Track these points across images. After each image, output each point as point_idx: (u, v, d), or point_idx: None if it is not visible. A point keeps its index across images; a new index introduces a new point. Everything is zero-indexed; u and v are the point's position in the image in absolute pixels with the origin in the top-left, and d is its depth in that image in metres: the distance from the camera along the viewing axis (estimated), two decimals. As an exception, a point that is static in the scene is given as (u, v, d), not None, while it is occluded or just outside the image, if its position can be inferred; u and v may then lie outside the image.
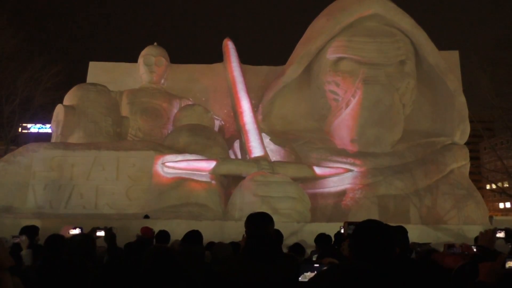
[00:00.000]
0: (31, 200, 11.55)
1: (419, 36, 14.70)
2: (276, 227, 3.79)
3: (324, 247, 5.94)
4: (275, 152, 14.55)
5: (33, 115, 27.83)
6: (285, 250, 6.45)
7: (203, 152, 12.79)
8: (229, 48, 16.88)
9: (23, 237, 5.13)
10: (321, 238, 6.27)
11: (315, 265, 2.90)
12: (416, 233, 9.18)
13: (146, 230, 6.95)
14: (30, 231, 5.63)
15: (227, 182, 13.43)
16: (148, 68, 16.54)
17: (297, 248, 6.04)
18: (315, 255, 5.29)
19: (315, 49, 14.85)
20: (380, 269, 2.09)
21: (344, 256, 4.68)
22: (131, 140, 14.69)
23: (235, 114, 15.09)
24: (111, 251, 5.17)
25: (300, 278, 2.84)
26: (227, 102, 16.27)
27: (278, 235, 5.14)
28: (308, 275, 2.81)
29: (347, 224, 4.40)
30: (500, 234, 4.65)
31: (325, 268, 2.40)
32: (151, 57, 16.66)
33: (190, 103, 16.00)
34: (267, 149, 14.02)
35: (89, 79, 16.91)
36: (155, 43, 17.43)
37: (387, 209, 13.01)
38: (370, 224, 2.44)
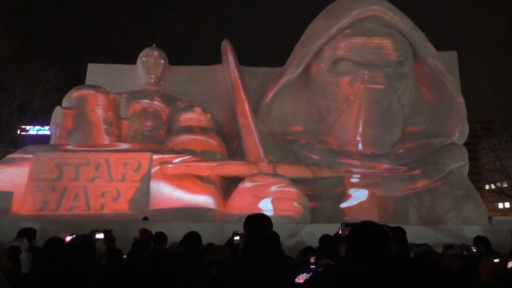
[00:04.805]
0: (30, 203, 11.52)
1: (417, 37, 14.72)
2: (275, 228, 3.79)
3: (323, 248, 5.95)
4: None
5: (32, 117, 27.82)
6: (294, 252, 6.47)
7: (202, 154, 12.78)
8: (228, 49, 16.87)
9: (24, 240, 5.10)
10: (325, 240, 6.30)
11: (311, 266, 2.90)
12: (415, 234, 9.15)
13: (144, 232, 6.93)
14: (28, 233, 5.59)
15: (226, 184, 13.41)
16: (146, 70, 16.52)
17: (309, 250, 6.09)
18: (313, 257, 5.30)
19: (313, 50, 14.86)
20: (375, 270, 2.08)
21: (342, 257, 4.67)
22: (130, 141, 14.66)
23: (234, 115, 15.07)
24: (110, 254, 5.16)
25: (296, 279, 2.85)
26: (226, 103, 16.25)
27: (275, 235, 5.14)
28: (304, 276, 2.81)
29: (344, 225, 4.38)
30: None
31: (320, 269, 2.40)
32: (150, 58, 16.64)
33: (189, 104, 15.98)
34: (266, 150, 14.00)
35: (88, 80, 16.88)
36: (154, 45, 17.40)
37: (387, 209, 13.00)
38: (365, 226, 2.44)
